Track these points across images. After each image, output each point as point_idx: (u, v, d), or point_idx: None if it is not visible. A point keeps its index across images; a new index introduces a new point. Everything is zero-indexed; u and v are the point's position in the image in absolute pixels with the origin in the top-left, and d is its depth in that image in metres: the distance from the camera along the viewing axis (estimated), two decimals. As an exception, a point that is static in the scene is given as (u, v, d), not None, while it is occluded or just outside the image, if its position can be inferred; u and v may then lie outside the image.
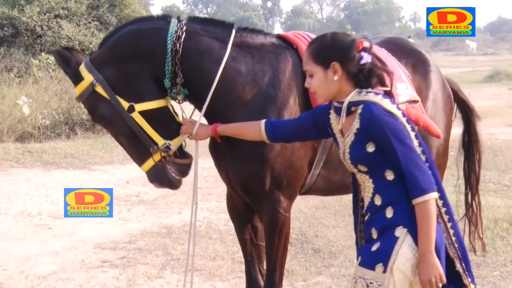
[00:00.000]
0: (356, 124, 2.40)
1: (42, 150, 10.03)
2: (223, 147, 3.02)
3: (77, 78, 2.93)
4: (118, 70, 2.90)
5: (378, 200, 2.40)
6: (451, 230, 2.47)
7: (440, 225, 2.43)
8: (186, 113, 3.13)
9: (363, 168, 2.44)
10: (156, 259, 5.24)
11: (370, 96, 2.40)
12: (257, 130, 2.77)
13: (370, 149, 2.37)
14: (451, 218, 2.48)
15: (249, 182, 2.99)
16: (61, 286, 4.71)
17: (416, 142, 2.38)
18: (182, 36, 2.90)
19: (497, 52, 52.49)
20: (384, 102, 2.38)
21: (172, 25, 2.92)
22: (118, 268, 5.07)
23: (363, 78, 2.44)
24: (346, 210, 6.13)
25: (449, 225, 2.47)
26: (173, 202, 7.12)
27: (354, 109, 2.42)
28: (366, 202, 2.48)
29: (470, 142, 4.18)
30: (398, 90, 3.25)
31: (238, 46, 2.99)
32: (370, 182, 2.44)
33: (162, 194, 7.47)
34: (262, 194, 2.97)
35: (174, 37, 2.88)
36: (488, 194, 7.24)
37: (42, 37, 18.16)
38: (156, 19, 3.04)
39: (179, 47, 2.88)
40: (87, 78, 2.89)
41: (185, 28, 2.92)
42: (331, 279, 4.65)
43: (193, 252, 3.41)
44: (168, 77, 2.90)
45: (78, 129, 11.78)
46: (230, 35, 2.99)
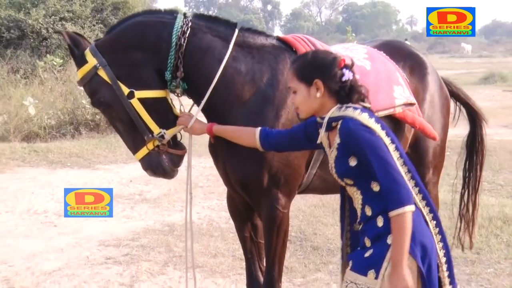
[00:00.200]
0: (337, 139, 2.41)
1: (47, 149, 10.03)
2: (221, 147, 3.02)
3: (82, 61, 2.93)
4: (122, 57, 2.91)
5: (368, 210, 2.39)
6: (438, 236, 2.48)
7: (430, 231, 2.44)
8: (184, 106, 3.12)
9: (349, 181, 2.44)
10: (158, 256, 5.25)
11: (348, 111, 2.39)
12: (251, 137, 2.77)
13: (352, 163, 2.37)
14: (438, 224, 2.49)
15: (247, 180, 2.99)
16: (66, 282, 4.71)
17: (397, 154, 2.37)
18: (187, 32, 2.91)
19: (491, 54, 52.40)
20: (362, 116, 2.36)
21: (178, 20, 2.93)
22: (121, 264, 5.08)
23: (345, 94, 2.44)
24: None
25: (435, 230, 2.48)
26: (175, 201, 7.12)
27: (334, 124, 2.42)
28: (358, 213, 2.47)
29: (473, 144, 4.15)
30: (395, 93, 3.26)
31: (239, 45, 3.00)
32: (359, 193, 2.44)
33: (164, 193, 7.48)
34: (260, 192, 2.97)
35: (179, 32, 2.89)
36: (482, 193, 7.20)
37: (48, 39, 18.17)
38: (163, 13, 3.04)
39: (183, 42, 2.89)
40: (91, 62, 2.89)
41: (190, 24, 2.93)
42: (329, 276, 4.66)
43: (191, 246, 3.42)
44: (169, 70, 2.91)
45: (82, 129, 11.77)
46: (232, 34, 2.99)
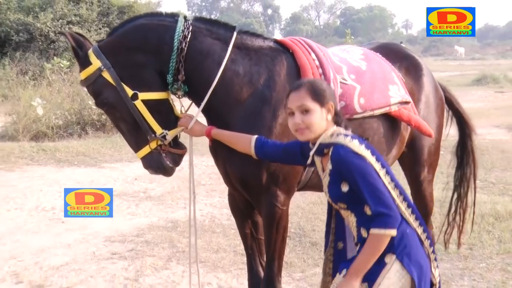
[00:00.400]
0: (329, 165, 2.40)
1: (55, 148, 10.03)
2: (221, 147, 3.00)
3: (85, 63, 2.91)
4: (125, 59, 2.89)
5: (364, 232, 2.38)
6: (432, 255, 2.51)
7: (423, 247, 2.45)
8: (185, 107, 3.12)
9: (343, 205, 2.44)
10: (162, 252, 5.25)
11: (340, 138, 2.39)
12: (247, 144, 2.76)
13: (345, 188, 2.36)
14: (431, 244, 2.51)
15: (247, 179, 2.99)
16: (73, 277, 4.71)
17: (388, 178, 2.36)
18: (188, 35, 2.90)
19: (484, 57, 52.36)
20: (352, 144, 2.35)
21: (179, 24, 2.92)
22: (127, 259, 5.08)
23: (339, 119, 2.47)
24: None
25: (430, 250, 2.51)
26: (178, 198, 7.12)
27: (326, 151, 2.42)
28: (354, 234, 2.45)
29: (463, 154, 4.11)
30: (390, 92, 3.26)
31: (238, 47, 2.99)
32: (352, 216, 2.43)
33: (168, 191, 7.48)
34: (260, 190, 2.97)
35: (181, 36, 2.88)
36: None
37: (55, 42, 18.22)
38: (164, 16, 3.02)
39: (185, 46, 2.88)
40: (95, 63, 2.87)
41: (191, 28, 2.93)
42: (327, 271, 4.65)
43: (195, 242, 3.41)
44: (171, 73, 2.90)
45: (89, 129, 11.78)
46: (231, 37, 2.99)
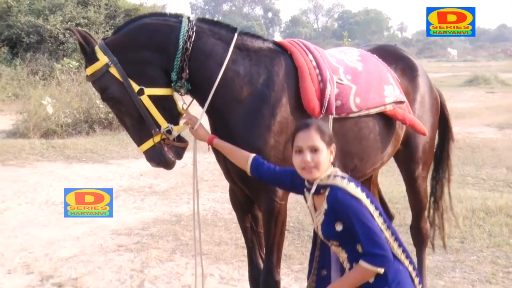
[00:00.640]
0: (324, 205, 2.41)
1: (64, 145, 10.04)
2: None
3: (92, 58, 2.89)
4: (131, 56, 2.88)
5: None
6: (419, 285, 2.49)
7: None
8: (186, 104, 3.10)
9: (335, 242, 2.44)
10: (167, 244, 5.26)
11: (337, 180, 2.40)
12: (244, 160, 2.77)
13: (339, 227, 2.37)
14: (421, 281, 2.51)
15: (246, 175, 2.99)
16: (81, 268, 4.72)
17: (381, 220, 2.38)
18: (193, 36, 2.90)
19: (475, 59, 52.36)
20: (349, 186, 2.37)
21: (183, 24, 2.91)
22: (132, 252, 5.09)
23: (335, 161, 2.49)
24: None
25: (419, 286, 2.49)
26: (182, 193, 7.13)
27: (322, 191, 2.43)
28: (346, 268, 2.44)
29: (441, 157, 4.08)
30: (385, 92, 3.26)
31: (238, 48, 2.99)
32: (344, 252, 2.43)
33: (172, 186, 7.49)
34: (259, 185, 2.95)
35: (185, 36, 2.88)
36: (466, 187, 7.26)
37: (65, 43, 18.20)
38: (169, 16, 3.01)
39: (189, 46, 2.88)
40: (102, 59, 2.85)
41: (195, 28, 2.92)
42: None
43: (199, 236, 3.41)
44: (175, 71, 2.89)
45: (96, 126, 11.79)
46: (233, 38, 2.98)
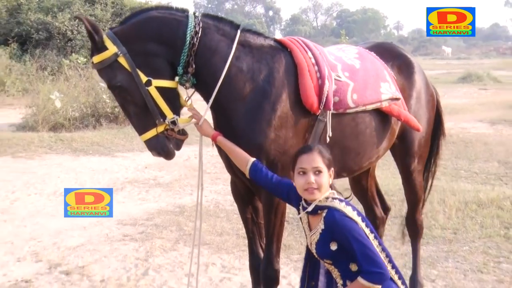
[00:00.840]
0: (321, 225, 2.41)
1: (72, 138, 10.04)
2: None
3: (102, 47, 2.83)
4: (139, 47, 2.84)
5: (349, 283, 2.40)
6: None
7: None
8: (188, 96, 3.07)
9: (329, 261, 2.44)
10: (170, 234, 5.26)
11: (335, 203, 2.41)
12: (244, 162, 2.76)
13: (333, 247, 2.38)
14: (403, 282, 2.51)
15: None
16: (88, 256, 4.73)
17: (376, 242, 2.39)
18: (199, 32, 2.87)
19: (469, 57, 52.17)
20: (346, 209, 2.39)
21: (190, 20, 2.88)
22: (137, 241, 5.09)
23: (332, 185, 2.51)
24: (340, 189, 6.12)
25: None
26: (185, 185, 7.13)
27: (320, 212, 2.43)
28: (339, 284, 2.46)
29: (431, 152, 4.02)
30: (381, 88, 3.24)
31: (241, 45, 2.97)
32: (336, 271, 2.45)
33: (176, 178, 7.50)
34: None
35: (192, 31, 2.85)
36: (459, 180, 7.26)
37: (72, 40, 18.18)
38: (175, 11, 2.97)
39: (196, 41, 2.86)
40: (111, 49, 2.80)
41: (201, 24, 2.90)
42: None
43: (200, 225, 3.41)
44: (182, 65, 2.87)
45: (103, 120, 11.78)
46: (236, 35, 2.96)
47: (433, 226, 5.30)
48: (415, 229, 4.01)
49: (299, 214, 2.57)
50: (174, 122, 2.89)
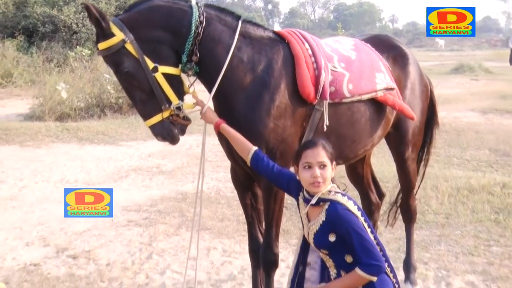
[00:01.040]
0: (322, 217, 2.40)
1: (77, 128, 10.02)
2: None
3: (109, 34, 2.77)
4: (146, 34, 2.80)
5: (344, 273, 2.39)
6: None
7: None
8: (190, 83, 3.04)
9: (325, 251, 2.44)
10: (173, 220, 5.27)
11: (338, 196, 2.40)
12: (246, 151, 2.74)
13: (332, 238, 2.37)
14: (397, 282, 2.50)
15: None
16: (94, 241, 4.75)
17: (372, 237, 2.39)
18: (204, 21, 2.85)
19: (461, 48, 52.03)
20: (348, 203, 2.38)
21: (195, 9, 2.86)
22: (141, 227, 5.11)
23: (334, 179, 2.50)
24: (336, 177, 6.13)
25: (396, 286, 2.48)
26: (187, 173, 7.13)
27: (322, 204, 2.42)
28: (332, 273, 2.45)
29: (424, 141, 3.99)
30: (376, 79, 3.23)
31: (242, 36, 2.95)
32: (331, 261, 2.44)
33: (178, 166, 7.49)
34: None
35: (197, 21, 2.83)
36: (452, 167, 7.26)
37: (78, 33, 18.11)
38: (178, 0, 2.91)
39: (200, 31, 2.83)
40: (118, 35, 2.76)
41: (205, 14, 2.88)
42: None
43: (200, 211, 3.42)
44: (186, 53, 2.84)
45: (107, 110, 11.77)
46: (237, 25, 2.94)
47: (426, 211, 5.32)
48: (409, 214, 4.01)
49: (298, 204, 2.56)
50: (179, 108, 2.86)
